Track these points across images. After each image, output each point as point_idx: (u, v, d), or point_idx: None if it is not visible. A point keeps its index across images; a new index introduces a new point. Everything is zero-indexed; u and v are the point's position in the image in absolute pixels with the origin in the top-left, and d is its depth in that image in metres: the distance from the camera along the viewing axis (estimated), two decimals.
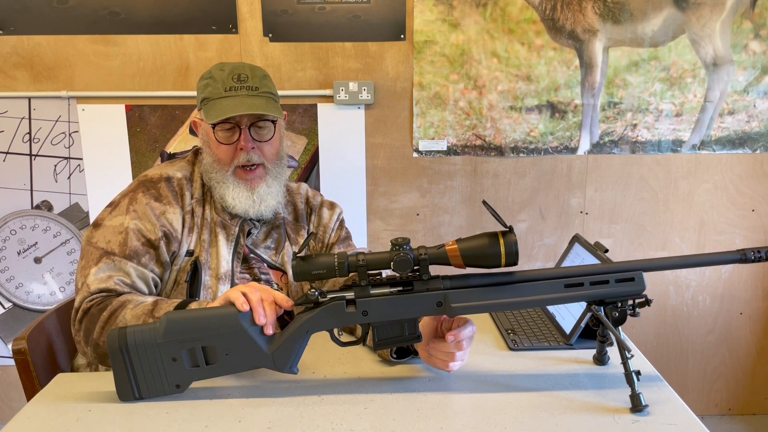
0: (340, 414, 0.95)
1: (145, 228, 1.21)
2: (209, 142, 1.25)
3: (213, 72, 1.25)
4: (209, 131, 1.24)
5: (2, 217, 2.14)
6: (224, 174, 1.24)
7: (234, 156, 1.23)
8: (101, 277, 1.16)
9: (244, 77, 1.23)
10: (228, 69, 1.24)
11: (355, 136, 2.12)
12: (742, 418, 2.39)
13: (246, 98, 1.21)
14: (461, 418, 0.94)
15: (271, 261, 1.32)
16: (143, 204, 1.22)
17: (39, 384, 1.19)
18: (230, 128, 1.22)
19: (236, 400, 1.00)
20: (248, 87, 1.22)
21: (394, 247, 0.96)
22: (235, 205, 1.25)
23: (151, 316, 1.08)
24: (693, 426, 0.91)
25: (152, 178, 1.27)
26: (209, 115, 1.21)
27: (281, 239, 1.34)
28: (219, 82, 1.22)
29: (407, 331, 1.00)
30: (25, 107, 2.07)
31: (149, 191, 1.24)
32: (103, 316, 1.11)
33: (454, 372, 1.07)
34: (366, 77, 2.08)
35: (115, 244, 1.19)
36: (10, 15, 2.00)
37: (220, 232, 1.27)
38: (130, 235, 1.20)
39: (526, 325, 1.27)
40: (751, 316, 2.31)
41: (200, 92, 1.25)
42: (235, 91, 1.21)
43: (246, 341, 0.98)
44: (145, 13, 2.01)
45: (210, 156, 1.26)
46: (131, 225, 1.21)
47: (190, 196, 1.27)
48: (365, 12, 2.03)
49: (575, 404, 0.97)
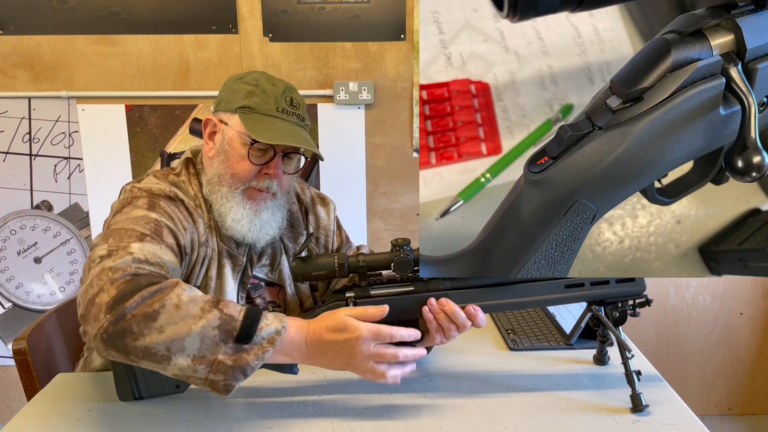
0: (340, 414, 0.95)
1: (177, 230, 1.05)
2: (231, 152, 1.11)
3: (261, 82, 1.12)
4: (237, 142, 1.10)
5: (2, 217, 2.14)
6: (233, 191, 1.12)
7: (255, 177, 1.12)
8: (146, 252, 0.94)
9: (297, 103, 1.14)
10: (281, 87, 1.13)
11: (355, 136, 2.12)
12: (742, 418, 2.39)
13: (296, 128, 1.12)
14: (461, 418, 0.94)
15: (267, 278, 1.23)
16: (168, 209, 1.07)
17: (39, 384, 1.19)
18: (265, 149, 1.10)
19: (236, 400, 1.00)
20: (298, 116, 1.14)
21: (395, 248, 0.96)
22: (234, 227, 1.12)
23: (213, 305, 0.88)
24: (693, 426, 0.91)
25: (159, 193, 1.09)
26: (256, 131, 1.07)
27: (276, 253, 1.24)
28: (271, 97, 1.11)
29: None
30: (25, 107, 2.07)
31: (172, 202, 1.09)
32: (151, 288, 0.87)
33: (455, 372, 1.07)
34: (366, 77, 2.08)
35: (147, 230, 0.99)
36: (10, 15, 2.00)
37: (227, 263, 1.15)
38: (163, 230, 1.02)
39: (526, 325, 1.27)
40: (751, 316, 2.31)
41: (240, 97, 1.11)
42: (287, 115, 1.12)
43: None
44: (145, 13, 2.01)
45: (224, 167, 1.12)
46: (161, 220, 1.03)
47: (202, 222, 1.13)
48: (365, 12, 2.03)
49: (575, 404, 0.97)
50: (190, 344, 0.85)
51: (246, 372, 0.87)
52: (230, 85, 1.15)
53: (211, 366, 0.86)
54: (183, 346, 0.85)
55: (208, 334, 0.85)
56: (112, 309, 0.85)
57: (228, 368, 0.86)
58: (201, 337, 0.85)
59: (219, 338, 0.85)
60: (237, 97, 1.12)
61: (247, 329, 0.87)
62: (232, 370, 0.86)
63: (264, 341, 0.88)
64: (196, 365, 0.85)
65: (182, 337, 0.85)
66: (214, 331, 0.85)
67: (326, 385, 1.05)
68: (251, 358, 0.87)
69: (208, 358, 0.85)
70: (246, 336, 0.87)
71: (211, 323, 0.86)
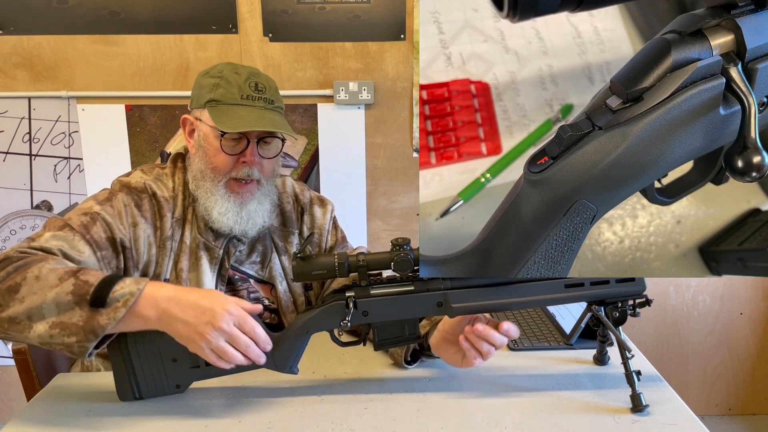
0: (340, 414, 0.95)
1: (115, 225, 1.10)
2: (207, 147, 1.15)
3: (225, 73, 1.14)
4: (210, 136, 1.14)
5: (2, 217, 2.14)
6: (216, 184, 1.14)
7: (233, 167, 1.14)
8: (48, 238, 1.02)
9: (262, 87, 1.14)
10: (244, 74, 1.14)
11: (355, 136, 2.12)
12: (742, 418, 2.39)
13: (264, 111, 1.13)
14: (461, 418, 0.94)
15: (257, 276, 1.25)
16: (121, 203, 1.12)
17: (39, 384, 1.19)
18: (238, 138, 1.13)
19: (236, 400, 1.00)
20: (265, 99, 1.14)
21: (395, 248, 0.96)
22: (220, 220, 1.15)
23: (71, 275, 0.92)
24: (693, 426, 0.91)
25: (136, 186, 1.16)
26: (222, 122, 1.10)
27: (267, 251, 1.26)
28: (234, 86, 1.13)
29: (407, 331, 1.01)
30: (25, 107, 2.07)
31: (132, 196, 1.14)
32: (17, 264, 0.94)
33: (454, 372, 1.07)
34: (366, 77, 2.08)
35: (76, 223, 1.07)
36: (10, 15, 2.00)
37: (203, 255, 1.18)
38: (97, 223, 1.08)
39: (526, 325, 1.27)
40: (751, 316, 2.31)
41: (207, 91, 1.14)
42: (252, 100, 1.13)
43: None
44: (145, 13, 2.01)
45: (203, 163, 1.15)
46: (102, 214, 1.09)
47: (171, 216, 1.17)
48: (365, 12, 2.03)
49: (575, 404, 0.97)
50: (48, 311, 0.90)
51: (96, 332, 0.89)
52: (198, 81, 1.18)
53: (65, 329, 0.89)
54: (42, 313, 0.90)
55: (62, 299, 0.90)
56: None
57: (79, 329, 0.89)
58: (56, 303, 0.89)
59: (73, 302, 0.90)
60: (204, 92, 1.15)
61: (100, 292, 0.90)
62: (83, 331, 0.89)
63: (118, 303, 0.90)
64: (52, 330, 0.90)
65: (39, 305, 0.90)
66: (68, 296, 0.90)
67: (326, 385, 1.05)
68: (103, 319, 0.89)
69: (64, 323, 0.89)
70: (99, 299, 0.90)
71: (65, 289, 0.90)
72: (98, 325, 0.89)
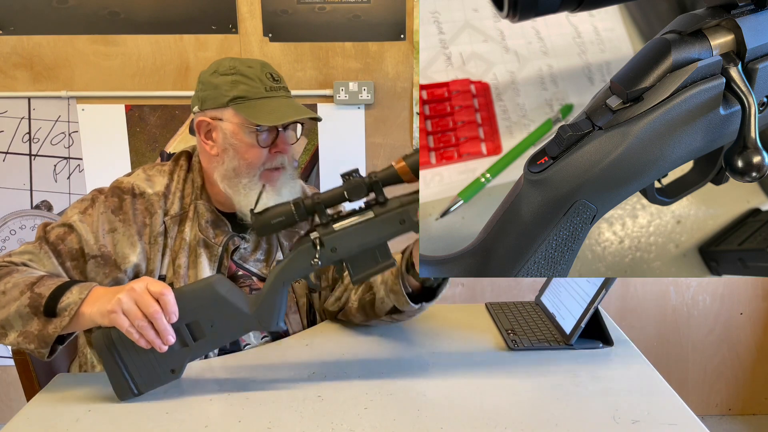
0: (340, 414, 0.95)
1: (86, 238, 1.14)
2: (237, 144, 1.15)
3: (239, 68, 1.15)
4: (240, 133, 1.14)
5: (2, 217, 2.14)
6: (252, 178, 1.16)
7: (267, 159, 1.16)
8: (20, 252, 1.12)
9: (277, 77, 1.18)
10: (257, 67, 1.16)
11: (355, 136, 2.12)
12: (742, 418, 2.39)
13: (290, 101, 1.17)
14: (461, 418, 0.94)
15: (261, 274, 1.25)
16: (98, 212, 1.15)
17: (39, 384, 1.19)
18: (268, 130, 1.15)
19: (236, 400, 1.00)
20: (284, 88, 1.18)
21: (344, 177, 0.98)
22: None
23: (29, 288, 1.01)
24: (693, 426, 0.91)
25: (121, 187, 1.18)
26: (258, 117, 1.12)
27: (271, 249, 1.27)
28: (256, 80, 1.14)
29: (380, 257, 1.01)
30: (24, 107, 2.07)
31: (111, 199, 1.17)
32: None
33: (454, 372, 1.07)
34: (366, 77, 2.08)
35: (54, 234, 1.14)
36: (10, 15, 2.00)
37: (203, 252, 1.18)
38: (72, 234, 1.14)
39: (526, 325, 1.27)
40: (751, 316, 2.31)
41: (227, 89, 1.14)
42: (275, 91, 1.16)
43: (227, 307, 0.99)
44: (145, 13, 2.01)
45: (235, 160, 1.15)
46: (78, 226, 1.14)
47: (164, 213, 1.18)
48: (365, 12, 2.03)
49: (575, 404, 0.97)
50: (15, 321, 1.01)
51: (47, 340, 0.99)
52: (209, 80, 1.17)
53: (28, 337, 1.00)
54: (11, 324, 1.01)
55: (22, 312, 1.00)
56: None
57: (35, 337, 1.00)
58: (19, 315, 1.00)
59: (31, 313, 1.00)
60: (223, 90, 1.14)
61: (49, 304, 1.00)
62: (38, 339, 1.00)
63: (65, 312, 0.99)
64: (19, 338, 1.01)
65: (7, 317, 1.01)
66: (26, 309, 1.00)
67: (326, 385, 1.05)
68: (51, 327, 0.99)
69: (27, 332, 1.00)
70: (50, 310, 1.00)
71: (23, 302, 1.00)
72: (47, 334, 0.99)
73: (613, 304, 2.28)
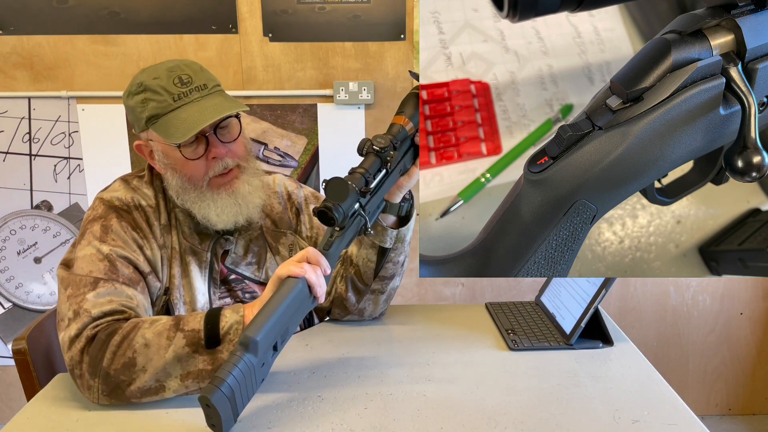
0: (340, 414, 0.95)
1: (131, 256, 1.08)
2: (172, 163, 1.10)
3: (146, 83, 1.07)
4: (169, 151, 1.09)
5: (2, 217, 2.14)
6: (200, 191, 1.10)
7: (207, 168, 1.09)
8: (101, 302, 1.00)
9: (186, 78, 1.07)
10: (163, 75, 1.07)
11: (355, 136, 2.12)
12: (742, 418, 2.39)
13: (203, 102, 1.07)
14: (461, 418, 0.94)
15: (254, 277, 1.23)
16: (121, 231, 1.09)
17: (39, 384, 1.19)
18: (194, 140, 1.07)
19: None
20: (197, 88, 1.07)
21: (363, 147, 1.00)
22: (222, 219, 1.11)
23: (175, 329, 0.95)
24: (693, 426, 0.91)
25: (122, 206, 1.13)
26: (172, 134, 1.04)
27: (262, 251, 1.24)
28: (162, 92, 1.06)
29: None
30: (24, 107, 2.07)
31: (124, 218, 1.11)
32: (114, 340, 0.95)
33: (454, 372, 1.07)
34: (366, 77, 2.08)
35: (100, 272, 1.04)
36: (10, 15, 2.00)
37: (192, 260, 1.15)
38: (116, 262, 1.06)
39: (526, 325, 1.27)
40: (751, 316, 2.31)
41: (140, 111, 1.07)
42: (185, 97, 1.06)
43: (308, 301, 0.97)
44: (145, 13, 2.01)
45: (178, 178, 1.10)
46: (114, 252, 1.06)
47: (158, 225, 1.15)
48: (365, 12, 2.03)
49: (575, 404, 0.97)
50: (173, 368, 0.95)
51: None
52: (127, 104, 1.12)
53: (197, 377, 0.96)
54: (168, 372, 0.95)
55: (181, 354, 0.95)
56: (94, 373, 0.95)
57: (210, 372, 0.95)
58: (177, 359, 0.95)
59: (192, 352, 0.95)
60: (137, 113, 1.09)
61: (211, 334, 0.95)
62: (210, 373, 0.95)
63: (230, 336, 0.96)
64: (185, 382, 0.96)
65: (163, 367, 0.95)
66: (185, 349, 0.95)
67: (326, 385, 1.05)
68: (224, 355, 0.95)
69: (192, 372, 0.95)
70: (213, 340, 0.95)
71: (179, 344, 0.95)
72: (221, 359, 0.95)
73: (613, 304, 2.28)
